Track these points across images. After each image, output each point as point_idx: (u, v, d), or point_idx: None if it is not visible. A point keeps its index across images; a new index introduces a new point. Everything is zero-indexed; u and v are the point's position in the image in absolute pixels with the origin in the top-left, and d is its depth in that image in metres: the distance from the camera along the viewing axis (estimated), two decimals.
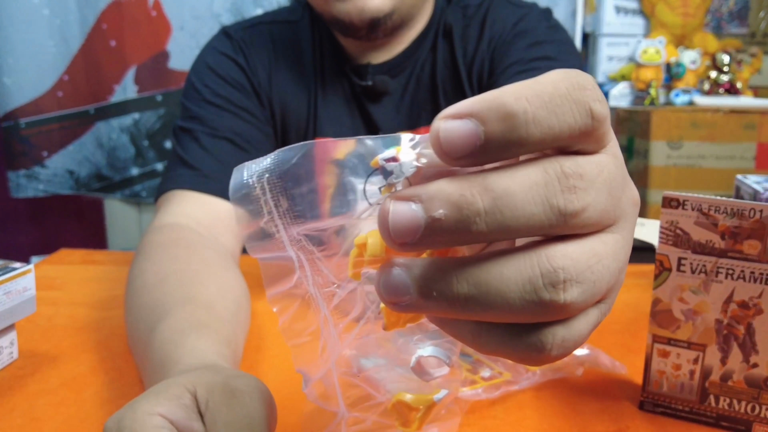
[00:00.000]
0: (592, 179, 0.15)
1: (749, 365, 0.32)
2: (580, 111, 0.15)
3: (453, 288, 0.15)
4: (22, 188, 1.35)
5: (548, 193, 0.15)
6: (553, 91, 0.15)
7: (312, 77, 0.59)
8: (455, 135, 0.15)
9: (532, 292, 0.15)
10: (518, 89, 0.15)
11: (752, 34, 1.47)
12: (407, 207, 0.15)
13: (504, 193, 0.15)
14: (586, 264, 0.15)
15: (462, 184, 0.15)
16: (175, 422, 0.23)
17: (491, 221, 0.15)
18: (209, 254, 0.44)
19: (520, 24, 0.57)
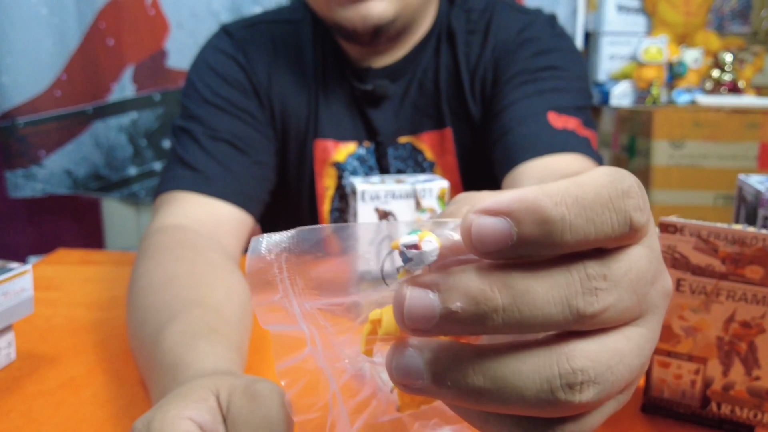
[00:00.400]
0: (617, 280, 0.15)
1: (751, 377, 0.31)
2: (619, 221, 0.15)
3: (468, 379, 0.15)
4: (20, 188, 1.35)
5: (569, 294, 0.15)
6: (594, 198, 0.15)
7: (312, 79, 0.59)
8: (488, 232, 0.15)
9: (548, 392, 0.15)
10: (559, 192, 0.15)
11: (755, 33, 1.47)
12: (424, 295, 0.15)
13: (525, 291, 0.14)
14: (606, 364, 0.15)
15: (482, 279, 0.15)
16: (202, 425, 0.24)
17: (508, 318, 0.14)
18: (214, 256, 0.44)
19: (525, 32, 0.56)
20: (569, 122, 0.52)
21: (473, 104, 0.58)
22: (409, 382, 0.15)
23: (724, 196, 1.25)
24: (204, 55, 0.60)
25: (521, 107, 0.53)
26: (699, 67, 1.39)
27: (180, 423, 0.23)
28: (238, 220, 0.53)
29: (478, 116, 0.58)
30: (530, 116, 0.52)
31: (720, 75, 1.35)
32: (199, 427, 0.24)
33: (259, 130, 0.57)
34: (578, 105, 0.54)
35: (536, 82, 0.54)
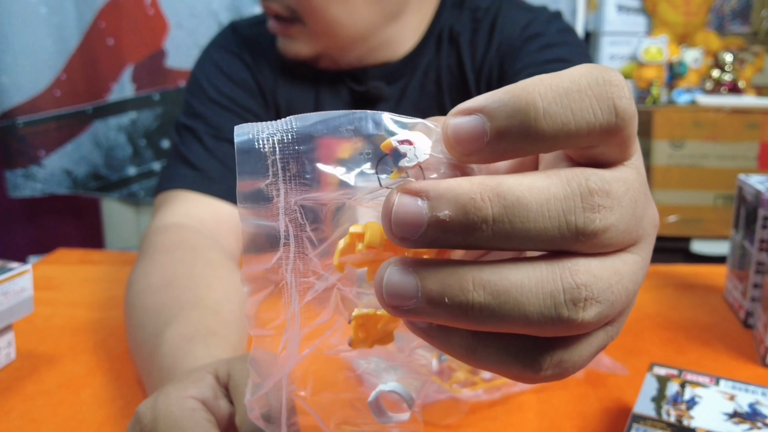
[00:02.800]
0: (619, 198, 0.14)
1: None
2: (602, 107, 0.14)
3: (468, 295, 0.14)
4: (20, 188, 1.35)
5: (566, 208, 0.14)
6: (569, 85, 0.14)
7: (315, 79, 0.59)
8: (462, 130, 0.14)
9: (551, 308, 0.14)
10: (530, 82, 0.14)
11: (755, 33, 1.47)
12: (413, 202, 0.14)
13: (517, 202, 0.14)
14: (607, 282, 0.15)
15: (473, 187, 0.14)
16: (204, 402, 0.25)
17: (498, 230, 0.14)
18: (213, 256, 0.44)
19: (530, 27, 0.56)
20: None
21: None
22: (401, 302, 0.14)
23: (724, 196, 1.25)
24: (209, 52, 0.59)
25: None
26: (699, 67, 1.39)
27: (184, 401, 0.24)
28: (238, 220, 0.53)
29: None
30: None
31: (720, 75, 1.35)
32: (202, 402, 0.25)
33: None
34: None
35: (544, 73, 0.54)
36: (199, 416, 0.24)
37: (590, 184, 0.14)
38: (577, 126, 0.14)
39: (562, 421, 0.34)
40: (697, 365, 0.40)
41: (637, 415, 0.31)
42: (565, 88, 0.14)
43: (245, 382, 0.25)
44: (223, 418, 0.25)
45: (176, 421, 0.23)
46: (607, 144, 0.15)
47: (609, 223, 0.14)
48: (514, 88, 0.14)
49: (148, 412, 0.24)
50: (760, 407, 0.32)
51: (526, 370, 0.15)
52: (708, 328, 0.46)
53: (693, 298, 0.52)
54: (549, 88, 0.14)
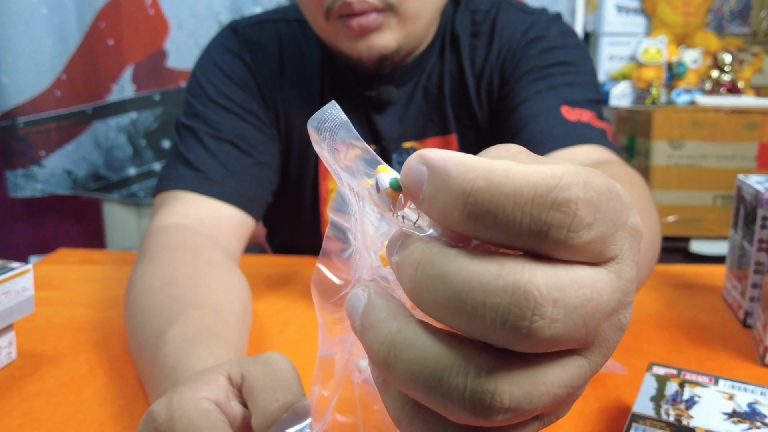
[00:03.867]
0: (569, 310, 0.13)
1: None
2: (531, 229, 0.13)
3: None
4: (20, 188, 1.35)
5: (488, 302, 0.13)
6: (512, 192, 0.13)
7: (318, 81, 0.59)
8: (409, 175, 0.15)
9: (460, 403, 0.14)
10: (482, 168, 0.13)
11: (754, 34, 1.47)
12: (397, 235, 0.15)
13: (440, 273, 0.14)
14: (527, 393, 0.14)
15: (418, 246, 0.15)
16: (217, 403, 0.25)
17: (428, 297, 0.14)
18: (213, 256, 0.44)
19: (531, 31, 0.56)
20: (583, 115, 0.52)
21: (479, 110, 0.58)
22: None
23: (723, 196, 1.25)
24: (210, 52, 0.59)
25: (534, 103, 0.52)
26: (698, 68, 1.39)
27: (199, 401, 0.24)
28: (238, 221, 0.53)
29: (484, 121, 0.58)
30: (544, 111, 0.52)
31: (719, 75, 1.35)
32: (215, 403, 0.25)
33: (263, 131, 0.57)
34: (590, 98, 0.54)
35: (547, 78, 0.53)
36: (215, 417, 0.24)
37: (537, 287, 0.13)
38: (495, 233, 0.13)
39: (561, 421, 0.34)
40: (697, 365, 0.41)
41: (636, 414, 0.31)
42: (503, 193, 0.13)
43: (260, 385, 0.25)
44: (235, 419, 0.25)
45: (192, 422, 0.23)
46: (559, 255, 0.14)
47: (550, 335, 0.13)
48: (463, 163, 0.14)
49: (163, 412, 0.24)
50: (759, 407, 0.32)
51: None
52: (707, 328, 0.46)
53: (692, 298, 0.52)
54: (489, 184, 0.13)
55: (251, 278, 0.47)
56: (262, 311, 0.48)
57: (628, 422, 0.31)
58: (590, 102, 0.53)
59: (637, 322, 0.47)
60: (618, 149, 0.53)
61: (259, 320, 0.47)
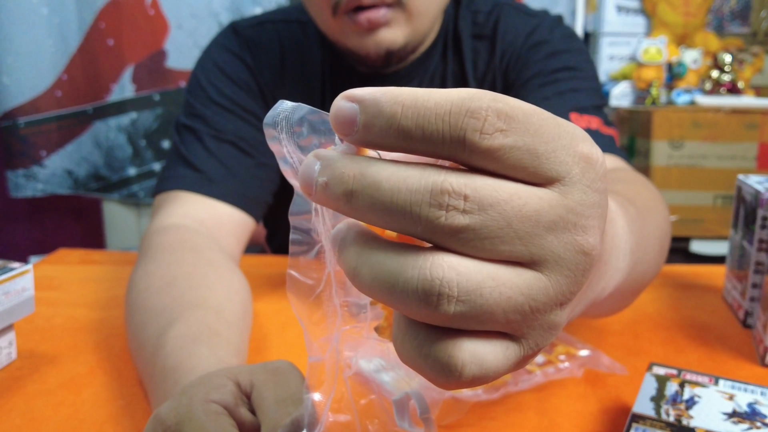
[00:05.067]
0: (482, 205, 0.15)
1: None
2: (451, 136, 0.15)
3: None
4: (21, 188, 1.35)
5: (413, 200, 0.15)
6: (433, 107, 0.15)
7: (320, 81, 0.59)
8: (340, 114, 0.16)
9: (414, 297, 0.15)
10: (403, 93, 0.16)
11: (754, 34, 1.47)
12: (312, 163, 0.17)
13: (372, 183, 0.15)
14: (477, 285, 0.15)
15: (345, 164, 0.16)
16: (226, 407, 0.25)
17: (362, 203, 0.16)
18: (214, 256, 0.44)
19: (534, 35, 0.56)
20: (592, 122, 0.52)
21: None
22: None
23: (723, 196, 1.25)
24: (210, 52, 0.59)
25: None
26: (698, 68, 1.39)
27: (208, 405, 0.24)
28: (239, 222, 0.53)
29: None
30: None
31: (719, 75, 1.35)
32: (224, 407, 0.25)
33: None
34: (596, 104, 0.54)
35: (554, 83, 0.53)
36: (224, 421, 0.24)
37: (445, 182, 0.15)
38: (423, 144, 0.15)
39: (561, 421, 0.34)
40: (697, 365, 0.41)
41: (636, 414, 0.31)
42: (427, 108, 0.15)
43: (270, 394, 0.25)
44: (242, 425, 0.25)
45: (202, 424, 0.23)
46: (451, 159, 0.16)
47: (461, 225, 0.15)
48: (389, 92, 0.16)
49: (172, 414, 0.24)
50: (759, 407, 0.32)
51: (441, 367, 0.16)
52: (707, 328, 0.46)
53: (692, 298, 0.52)
54: (414, 103, 0.15)
55: (251, 278, 0.47)
56: (262, 311, 0.48)
57: (628, 422, 0.31)
58: (597, 108, 0.53)
59: (637, 322, 0.47)
60: (626, 156, 0.53)
61: (259, 320, 0.47)
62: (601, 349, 0.40)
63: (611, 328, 0.46)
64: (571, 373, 0.38)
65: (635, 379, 0.38)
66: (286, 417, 0.24)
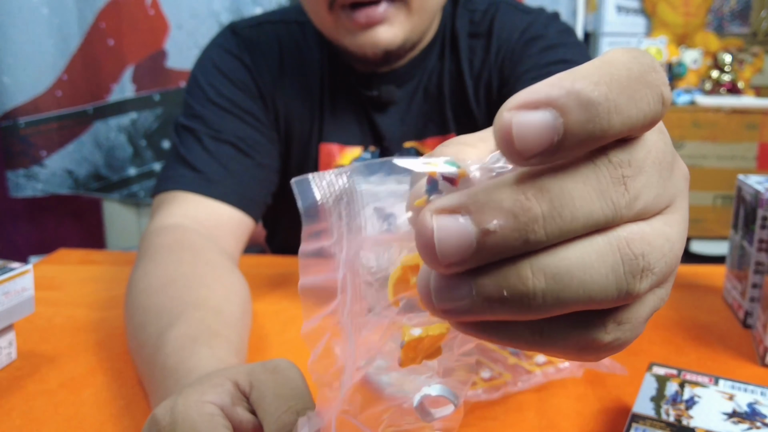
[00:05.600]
0: (641, 164, 0.14)
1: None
2: (654, 97, 0.14)
3: (528, 283, 0.13)
4: (21, 188, 1.35)
5: (601, 187, 0.13)
6: (628, 74, 0.13)
7: (318, 82, 0.59)
8: (530, 129, 0.13)
9: (613, 282, 0.14)
10: (590, 72, 0.13)
11: (754, 34, 1.47)
12: (453, 221, 0.13)
13: (560, 192, 0.13)
14: (660, 251, 0.14)
15: (513, 188, 0.13)
16: (222, 408, 0.25)
17: (550, 226, 0.13)
18: (213, 257, 0.44)
19: (529, 30, 0.56)
20: None
21: (477, 110, 0.58)
22: (453, 304, 0.13)
23: (723, 196, 1.25)
24: (209, 53, 0.59)
25: None
26: (698, 68, 1.39)
27: (203, 406, 0.24)
28: (238, 222, 0.53)
29: (483, 122, 0.58)
30: None
31: (719, 75, 1.35)
32: (220, 408, 0.25)
33: (263, 132, 0.57)
34: None
35: (547, 76, 0.53)
36: (217, 422, 0.24)
37: (612, 158, 0.14)
38: (637, 118, 0.13)
39: (561, 421, 0.34)
40: (697, 365, 0.40)
41: (636, 414, 0.31)
42: (625, 78, 0.13)
43: (270, 394, 0.25)
44: (240, 425, 0.25)
45: (195, 425, 0.23)
46: (647, 131, 0.14)
47: (637, 190, 0.14)
48: (576, 78, 0.13)
49: (167, 415, 0.24)
50: (759, 407, 0.32)
51: (592, 342, 0.15)
52: (707, 328, 0.46)
53: (692, 298, 0.52)
54: (612, 78, 0.13)
55: (251, 278, 0.47)
56: (262, 311, 0.48)
57: (628, 422, 0.31)
58: None
59: None
60: None
61: (259, 320, 0.47)
62: None
63: None
64: (571, 373, 0.38)
65: (635, 379, 0.38)
66: (287, 411, 0.24)
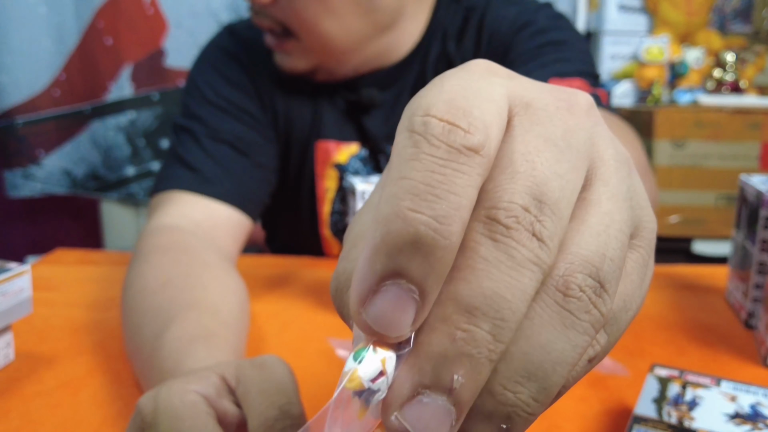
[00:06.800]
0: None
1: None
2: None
3: (510, 399, 0.12)
4: (18, 188, 1.35)
5: (516, 260, 0.12)
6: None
7: (314, 85, 0.59)
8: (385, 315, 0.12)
9: (574, 335, 0.13)
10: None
11: (756, 33, 1.47)
12: (418, 408, 0.12)
13: (486, 298, 0.12)
14: (599, 251, 0.13)
15: (443, 329, 0.12)
16: (207, 397, 0.25)
17: (502, 334, 0.12)
18: (210, 257, 0.44)
19: (519, 19, 0.55)
20: (572, 83, 0.49)
21: None
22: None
23: (725, 196, 1.25)
24: (207, 53, 0.59)
25: None
26: (700, 67, 1.38)
27: (185, 393, 0.24)
28: (236, 222, 0.52)
29: None
30: None
31: (722, 75, 1.34)
32: (204, 398, 0.25)
33: (261, 132, 0.57)
34: (582, 69, 0.51)
35: (538, 58, 0.52)
36: (199, 408, 0.24)
37: (486, 214, 0.12)
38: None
39: (562, 423, 0.34)
40: (699, 366, 0.40)
41: (638, 416, 0.31)
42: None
43: (255, 389, 0.25)
44: (225, 416, 0.25)
45: (176, 412, 0.23)
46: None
47: (544, 222, 0.13)
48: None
49: (150, 403, 0.24)
50: (761, 408, 0.32)
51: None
52: (709, 329, 0.46)
53: (694, 299, 0.52)
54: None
55: (250, 279, 0.47)
56: (260, 312, 0.48)
57: (630, 424, 0.30)
58: (582, 72, 0.51)
59: (638, 323, 0.47)
60: (616, 112, 0.50)
61: (257, 321, 0.47)
62: None
63: None
64: None
65: (637, 380, 0.38)
66: (270, 407, 0.24)
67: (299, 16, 0.49)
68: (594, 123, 0.15)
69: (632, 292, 0.14)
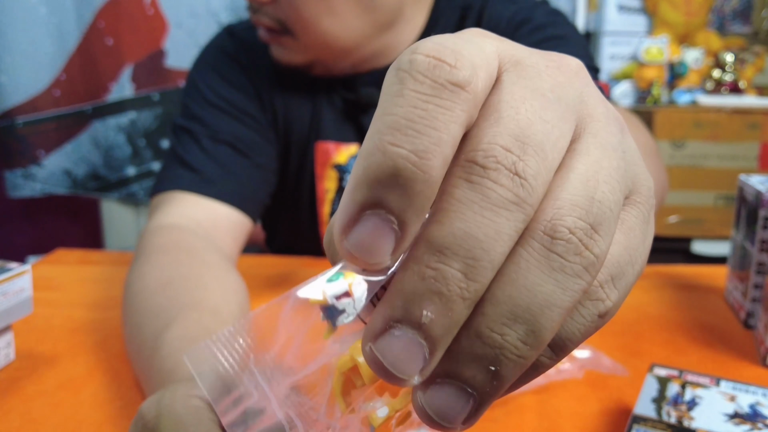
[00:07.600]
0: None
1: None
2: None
3: (496, 340, 0.12)
4: (19, 187, 1.35)
5: (491, 199, 0.12)
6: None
7: (313, 81, 0.59)
8: (364, 240, 0.12)
9: (563, 279, 0.13)
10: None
11: (755, 33, 1.47)
12: (390, 340, 0.12)
13: (457, 238, 0.12)
14: (587, 195, 0.13)
15: (414, 266, 0.12)
16: (210, 403, 0.24)
17: (475, 274, 0.12)
18: (210, 257, 0.44)
19: (516, 17, 0.56)
20: None
21: None
22: (462, 414, 0.13)
23: (724, 196, 1.25)
24: (206, 54, 0.59)
25: None
26: (700, 67, 1.38)
27: (189, 399, 0.24)
28: (236, 222, 0.53)
29: None
30: None
31: (721, 75, 1.34)
32: (207, 404, 0.24)
33: (261, 132, 0.57)
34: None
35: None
36: (203, 415, 0.23)
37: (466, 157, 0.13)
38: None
39: (562, 423, 0.34)
40: (698, 366, 0.40)
41: (637, 416, 0.31)
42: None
43: None
44: None
45: (179, 419, 0.23)
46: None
47: (527, 163, 0.13)
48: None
49: (152, 408, 0.24)
50: (760, 408, 0.32)
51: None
52: (708, 329, 0.46)
53: (693, 299, 0.52)
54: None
55: (250, 279, 0.47)
56: None
57: (629, 423, 0.30)
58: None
59: (638, 323, 0.47)
60: (614, 104, 0.51)
61: None
62: (602, 350, 0.40)
63: (612, 329, 0.46)
64: (571, 374, 0.38)
65: (636, 380, 0.38)
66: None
67: (299, 15, 0.49)
68: (584, 83, 0.15)
69: (636, 246, 0.14)
